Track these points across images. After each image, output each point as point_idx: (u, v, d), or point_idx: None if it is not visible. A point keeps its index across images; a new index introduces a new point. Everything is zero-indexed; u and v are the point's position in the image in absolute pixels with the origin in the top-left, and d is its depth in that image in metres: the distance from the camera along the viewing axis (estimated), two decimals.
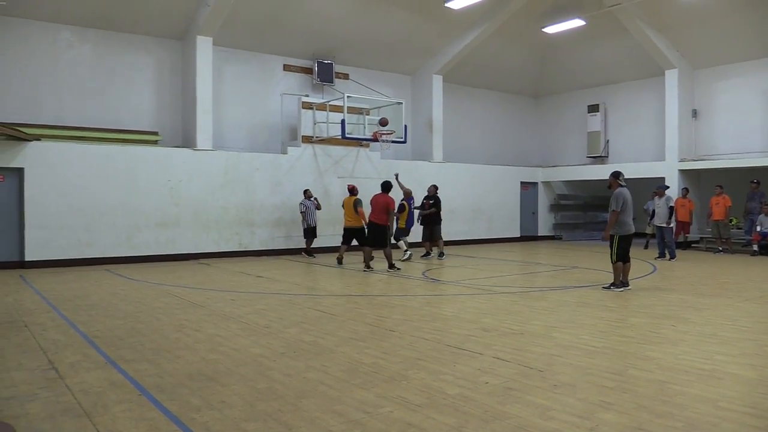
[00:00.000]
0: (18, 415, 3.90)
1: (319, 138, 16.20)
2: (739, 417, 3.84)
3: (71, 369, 5.02)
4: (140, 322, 6.99)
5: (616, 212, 9.14)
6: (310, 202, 14.98)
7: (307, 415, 3.91)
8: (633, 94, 20.15)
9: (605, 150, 20.60)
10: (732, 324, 6.79)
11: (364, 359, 5.28)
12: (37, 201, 12.59)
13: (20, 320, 7.13)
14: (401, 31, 17.40)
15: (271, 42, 16.28)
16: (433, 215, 14.57)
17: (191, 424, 3.77)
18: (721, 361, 5.18)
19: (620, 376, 4.70)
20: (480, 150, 21.38)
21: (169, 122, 15.29)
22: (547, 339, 6.02)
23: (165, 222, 14.04)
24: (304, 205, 14.95)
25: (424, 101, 19.22)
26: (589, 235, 22.04)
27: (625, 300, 8.49)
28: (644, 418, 3.79)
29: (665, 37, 17.55)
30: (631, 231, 9.32)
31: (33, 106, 13.49)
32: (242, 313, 7.59)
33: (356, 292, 9.62)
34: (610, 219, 9.24)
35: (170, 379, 4.71)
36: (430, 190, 14.97)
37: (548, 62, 21.33)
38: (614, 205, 9.15)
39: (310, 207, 14.94)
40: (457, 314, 7.47)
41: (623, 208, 9.16)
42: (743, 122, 17.45)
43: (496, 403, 4.09)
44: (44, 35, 13.66)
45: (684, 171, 18.01)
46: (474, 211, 19.74)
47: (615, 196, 9.23)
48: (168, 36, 15.17)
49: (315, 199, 15.13)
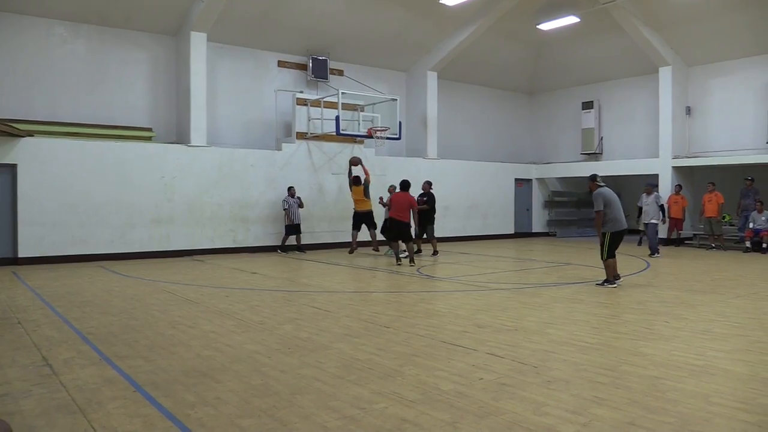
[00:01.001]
0: (12, 412, 3.90)
1: (313, 134, 16.18)
2: (731, 412, 3.87)
3: (65, 366, 5.01)
4: (134, 319, 6.98)
5: (599, 212, 9.25)
6: (294, 200, 15.05)
7: (302, 411, 3.92)
8: (627, 91, 20.20)
9: (599, 147, 20.65)
10: (724, 320, 6.83)
11: (358, 355, 5.29)
12: (31, 197, 12.53)
13: (14, 317, 7.11)
14: (396, 27, 17.39)
15: (266, 38, 16.23)
16: (424, 213, 14.34)
17: (186, 420, 3.77)
18: (713, 356, 5.21)
19: (613, 372, 4.73)
20: (474, 147, 21.40)
21: (163, 118, 15.23)
22: (541, 335, 6.05)
23: (159, 218, 14.01)
24: (287, 202, 15.07)
25: (419, 98, 19.22)
26: (583, 231, 22.11)
27: (618, 296, 8.53)
28: (637, 414, 3.82)
29: (659, 34, 17.59)
30: (622, 227, 9.35)
31: (26, 102, 13.42)
32: (237, 309, 7.58)
33: (351, 289, 9.63)
34: (596, 220, 9.40)
35: (165, 376, 4.70)
36: (424, 187, 14.89)
37: (543, 59, 21.36)
38: (597, 206, 9.27)
39: (293, 205, 15.04)
40: (451, 310, 7.48)
41: (608, 206, 9.23)
42: (737, 119, 17.52)
43: (491, 399, 4.10)
44: (37, 31, 13.57)
45: (677, 168, 18.07)
46: (468, 207, 19.76)
47: (594, 197, 9.37)
48: (162, 32, 15.11)
49: (298, 198, 15.21)
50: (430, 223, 14.64)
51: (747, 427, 3.66)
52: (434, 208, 14.81)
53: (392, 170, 17.20)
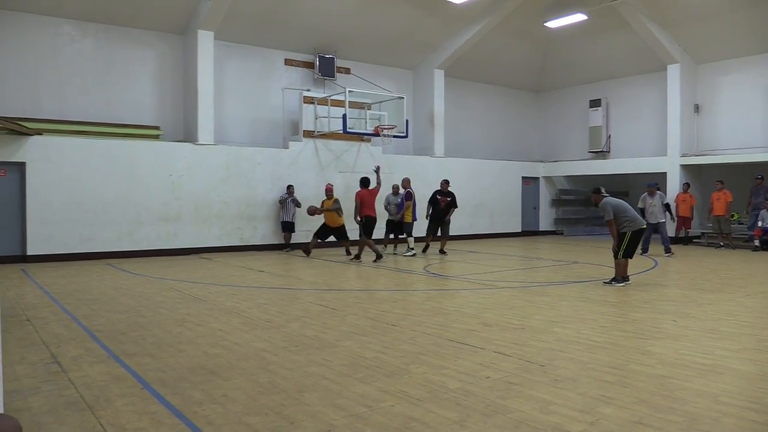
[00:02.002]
0: (21, 409, 3.92)
1: (320, 133, 16.19)
2: (739, 412, 3.85)
3: (74, 363, 5.04)
4: (142, 317, 7.01)
5: (611, 221, 9.19)
6: (291, 199, 15.12)
7: (309, 409, 3.93)
8: (635, 89, 20.10)
9: (607, 145, 20.56)
10: (733, 319, 6.79)
11: (365, 353, 5.29)
12: (39, 195, 12.61)
13: (22, 314, 7.15)
14: (403, 25, 17.36)
15: (273, 36, 16.25)
16: (443, 211, 14.33)
17: (194, 417, 3.78)
18: (721, 355, 5.19)
19: (621, 371, 4.71)
20: (481, 145, 21.35)
21: (170, 117, 15.28)
22: (548, 334, 6.03)
23: (167, 216, 14.06)
24: (283, 197, 15.20)
25: (426, 96, 19.18)
26: (590, 230, 22.03)
27: (626, 295, 8.50)
28: (645, 413, 3.80)
29: (667, 31, 17.50)
30: (642, 225, 9.31)
31: (34, 101, 13.48)
32: (244, 307, 7.60)
33: (358, 287, 9.64)
34: (611, 230, 9.27)
35: (172, 373, 4.72)
36: (443, 186, 14.68)
37: (550, 57, 21.28)
38: (606, 216, 9.22)
39: (289, 203, 15.12)
40: (458, 309, 7.48)
41: (620, 211, 9.19)
42: (745, 117, 17.41)
43: (498, 398, 4.10)
44: (45, 29, 13.64)
45: (685, 166, 17.98)
46: (475, 206, 19.73)
47: (601, 208, 9.31)
48: (169, 30, 15.15)
49: (295, 198, 15.27)
50: (447, 223, 14.52)
51: (755, 426, 3.64)
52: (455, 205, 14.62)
53: (399, 168, 17.18)
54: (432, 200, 14.67)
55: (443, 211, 14.44)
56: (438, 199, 14.53)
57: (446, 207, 14.44)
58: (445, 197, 14.51)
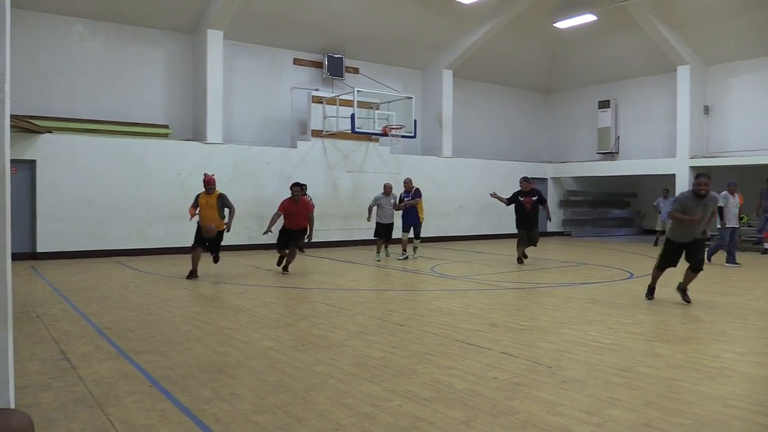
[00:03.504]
0: (31, 405, 3.96)
1: (328, 132, 16.22)
2: (747, 415, 3.83)
3: (83, 360, 5.08)
4: (151, 314, 7.05)
5: None
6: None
7: (317, 407, 3.94)
8: (644, 90, 20.02)
9: (616, 146, 20.49)
10: (741, 322, 6.76)
11: (373, 353, 5.30)
12: (49, 193, 12.70)
13: (32, 311, 7.21)
14: (411, 25, 17.37)
15: (282, 36, 16.29)
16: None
17: (202, 415, 3.81)
18: (729, 358, 5.17)
19: (628, 373, 4.70)
20: (489, 145, 21.31)
21: (179, 115, 15.34)
22: (556, 335, 6.03)
23: (175, 215, 14.09)
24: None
25: (434, 96, 19.17)
26: (598, 231, 21.95)
27: (633, 297, 8.47)
28: (652, 415, 3.79)
29: (677, 32, 17.41)
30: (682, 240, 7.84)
31: (45, 99, 13.58)
32: (252, 306, 7.63)
33: (365, 287, 9.65)
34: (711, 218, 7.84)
35: (181, 371, 4.75)
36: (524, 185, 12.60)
37: (559, 57, 21.22)
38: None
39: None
40: (465, 309, 7.48)
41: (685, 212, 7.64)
42: (755, 119, 17.31)
43: (505, 398, 4.10)
44: (56, 28, 13.73)
45: (695, 168, 17.88)
46: (483, 206, 19.64)
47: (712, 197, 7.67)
48: (179, 29, 15.22)
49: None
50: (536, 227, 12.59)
51: (764, 430, 3.63)
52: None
53: (407, 168, 17.17)
54: (513, 202, 12.59)
55: (531, 213, 12.31)
56: (521, 201, 12.43)
57: (533, 209, 12.36)
58: (529, 197, 12.41)
